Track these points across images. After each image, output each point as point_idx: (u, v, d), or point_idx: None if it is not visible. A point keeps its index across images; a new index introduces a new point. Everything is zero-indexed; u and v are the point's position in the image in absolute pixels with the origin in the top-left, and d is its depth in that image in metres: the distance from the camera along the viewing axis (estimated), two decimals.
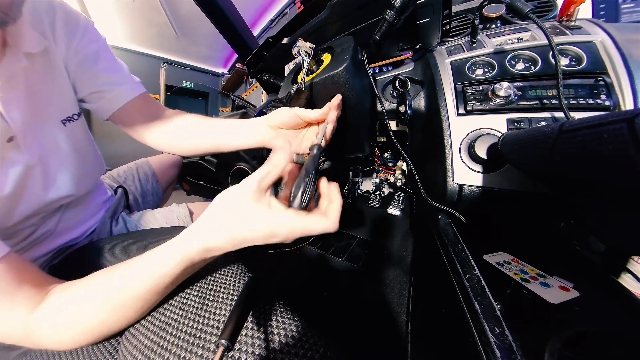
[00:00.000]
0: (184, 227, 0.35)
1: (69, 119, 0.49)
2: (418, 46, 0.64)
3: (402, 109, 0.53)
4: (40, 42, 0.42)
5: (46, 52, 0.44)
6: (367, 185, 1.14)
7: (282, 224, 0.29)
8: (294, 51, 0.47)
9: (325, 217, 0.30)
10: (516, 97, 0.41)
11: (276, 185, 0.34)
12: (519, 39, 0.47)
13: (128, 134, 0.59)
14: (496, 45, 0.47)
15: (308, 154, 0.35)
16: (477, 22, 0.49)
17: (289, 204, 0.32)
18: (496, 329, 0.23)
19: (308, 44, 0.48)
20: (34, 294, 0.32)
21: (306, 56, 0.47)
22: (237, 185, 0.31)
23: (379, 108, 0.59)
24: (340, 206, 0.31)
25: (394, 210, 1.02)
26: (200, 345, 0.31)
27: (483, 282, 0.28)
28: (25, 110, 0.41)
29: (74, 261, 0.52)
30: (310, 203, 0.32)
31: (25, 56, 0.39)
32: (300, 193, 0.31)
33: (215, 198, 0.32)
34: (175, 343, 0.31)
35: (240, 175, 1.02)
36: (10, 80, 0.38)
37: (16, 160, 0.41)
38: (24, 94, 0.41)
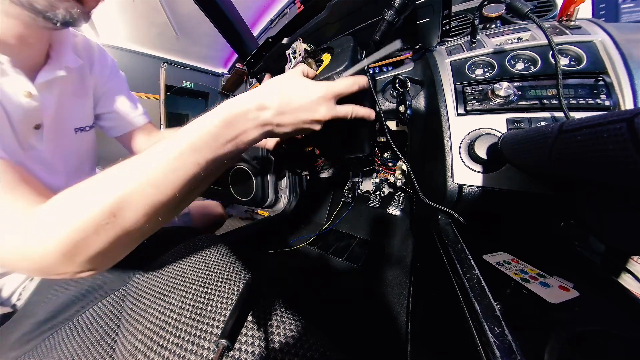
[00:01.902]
0: (184, 227, 0.35)
1: (82, 128, 0.57)
2: (418, 46, 0.64)
3: (402, 109, 0.53)
4: (77, 61, 0.52)
5: (81, 71, 0.55)
6: (367, 185, 1.14)
7: (320, 85, 0.38)
8: (288, 51, 0.48)
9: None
10: (516, 97, 0.41)
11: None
12: (519, 38, 0.47)
13: (132, 154, 0.65)
14: (496, 45, 0.47)
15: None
16: (476, 22, 0.48)
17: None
18: (496, 328, 0.23)
19: (304, 45, 0.48)
20: (36, 195, 0.29)
21: (295, 57, 0.48)
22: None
23: (377, 109, 0.59)
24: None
25: (394, 210, 1.02)
26: (200, 345, 0.31)
27: (483, 282, 0.28)
28: (53, 110, 0.49)
29: None
30: None
31: (65, 69, 0.49)
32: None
33: (265, 82, 0.38)
34: (175, 342, 0.31)
35: (241, 176, 1.02)
36: (47, 82, 0.46)
37: (35, 148, 0.46)
38: (55, 97, 0.49)
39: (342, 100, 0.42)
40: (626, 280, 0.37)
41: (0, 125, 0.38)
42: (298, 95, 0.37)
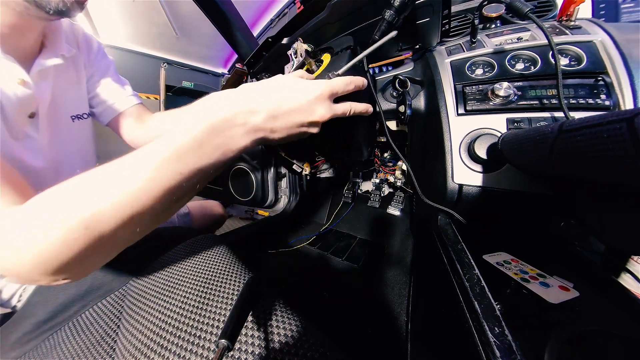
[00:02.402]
0: (184, 227, 0.35)
1: (79, 116, 0.56)
2: (418, 46, 0.64)
3: (402, 109, 0.53)
4: (70, 50, 0.53)
5: (74, 59, 0.55)
6: (367, 185, 1.14)
7: (315, 83, 0.36)
8: (289, 52, 0.48)
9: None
10: (516, 97, 0.41)
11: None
12: (519, 38, 0.47)
13: (124, 140, 0.65)
14: (496, 45, 0.47)
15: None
16: (476, 22, 0.48)
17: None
18: (496, 328, 0.23)
19: (305, 46, 0.48)
20: (15, 194, 0.28)
21: (296, 57, 0.48)
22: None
23: (377, 109, 0.59)
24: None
25: (394, 210, 1.02)
26: (200, 345, 0.31)
27: (483, 282, 0.28)
28: (49, 98, 0.49)
29: None
30: None
31: (61, 57, 0.49)
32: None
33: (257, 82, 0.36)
34: (175, 342, 0.31)
35: (241, 176, 1.02)
36: (42, 70, 0.46)
37: (31, 137, 0.45)
38: (50, 86, 0.49)
39: (338, 99, 0.40)
40: (626, 280, 0.37)
41: None
42: (292, 96, 0.34)
